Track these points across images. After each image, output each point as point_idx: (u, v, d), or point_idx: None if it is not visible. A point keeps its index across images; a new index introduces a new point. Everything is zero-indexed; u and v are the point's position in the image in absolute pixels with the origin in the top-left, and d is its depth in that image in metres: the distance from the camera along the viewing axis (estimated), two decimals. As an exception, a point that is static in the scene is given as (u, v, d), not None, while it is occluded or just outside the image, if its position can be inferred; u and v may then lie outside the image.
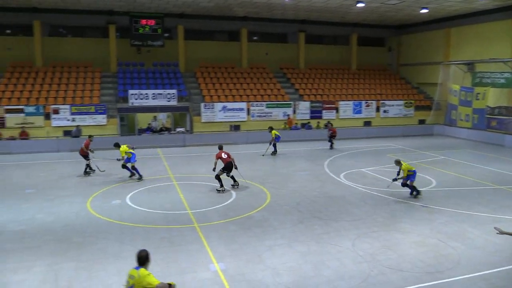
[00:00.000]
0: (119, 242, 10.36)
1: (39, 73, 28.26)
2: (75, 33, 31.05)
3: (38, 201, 13.82)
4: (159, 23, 29.69)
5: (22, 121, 24.43)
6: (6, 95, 25.87)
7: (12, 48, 29.16)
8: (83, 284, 8.29)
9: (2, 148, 22.52)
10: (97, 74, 29.20)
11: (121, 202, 13.71)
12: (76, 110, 25.12)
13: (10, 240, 10.53)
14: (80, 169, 18.04)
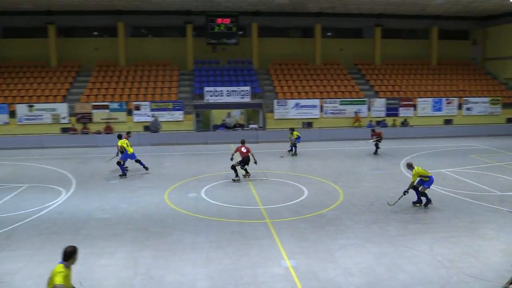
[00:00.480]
0: (194, 234, 10.75)
1: (122, 72, 30.09)
2: (155, 33, 32.67)
3: (121, 192, 14.75)
4: (233, 22, 30.28)
5: (107, 116, 26.21)
6: (93, 92, 27.87)
7: (99, 49, 31.36)
8: (160, 272, 8.72)
9: (89, 142, 24.30)
10: (175, 72, 30.47)
11: (197, 195, 14.21)
12: (156, 106, 26.43)
13: (96, 227, 11.34)
14: (158, 162, 18.98)
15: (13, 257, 9.53)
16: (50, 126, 25.84)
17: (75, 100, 27.20)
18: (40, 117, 25.91)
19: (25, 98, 27.05)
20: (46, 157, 21.10)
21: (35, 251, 9.79)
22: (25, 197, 14.19)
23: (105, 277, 8.57)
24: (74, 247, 6.41)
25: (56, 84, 28.54)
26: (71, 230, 11.09)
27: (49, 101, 26.87)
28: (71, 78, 29.45)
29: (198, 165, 18.96)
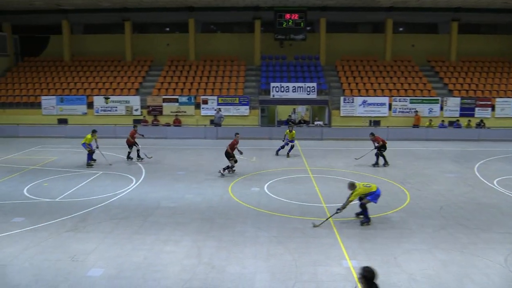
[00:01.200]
0: (256, 228, 10.87)
1: (192, 67, 31.03)
2: (223, 29, 33.33)
3: (187, 182, 15.26)
4: (302, 17, 30.08)
5: (176, 109, 27.18)
6: (164, 86, 29.02)
7: (170, 44, 32.56)
8: (222, 263, 8.92)
9: (159, 133, 25.36)
10: (242, 67, 30.89)
11: (260, 190, 14.35)
12: (222, 101, 26.99)
13: (164, 215, 11.84)
14: (223, 156, 19.40)
15: (87, 238, 10.21)
16: (124, 117, 27.31)
17: (147, 93, 28.51)
18: (115, 109, 27.45)
19: (102, 90, 28.78)
20: (119, 146, 22.28)
21: (107, 234, 10.41)
22: (99, 184, 15.13)
23: (170, 263, 8.92)
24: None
25: (130, 77, 30.08)
26: (140, 217, 11.66)
27: (123, 93, 28.39)
28: (144, 72, 30.87)
29: (261, 160, 19.13)
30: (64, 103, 27.65)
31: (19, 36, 34.12)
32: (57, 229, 10.82)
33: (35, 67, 32.01)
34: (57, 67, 31.77)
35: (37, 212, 12.12)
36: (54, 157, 19.82)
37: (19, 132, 25.60)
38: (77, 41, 33.21)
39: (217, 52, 32.13)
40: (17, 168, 17.43)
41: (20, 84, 29.94)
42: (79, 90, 28.93)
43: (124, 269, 8.63)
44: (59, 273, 8.50)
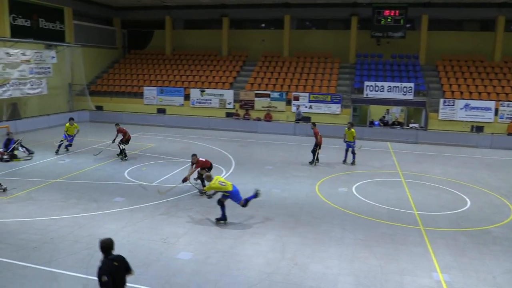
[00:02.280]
0: (342, 229, 10.65)
1: (285, 63, 31.18)
2: (319, 26, 32.98)
3: (275, 177, 15.41)
4: (402, 14, 28.70)
5: (268, 105, 27.54)
6: (257, 81, 29.54)
7: (265, 40, 33.01)
8: (305, 260, 8.88)
9: (250, 127, 25.90)
10: (336, 64, 30.35)
11: (347, 190, 14.03)
12: (314, 98, 26.78)
13: (250, 207, 11.95)
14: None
15: (178, 223, 10.77)
16: (217, 110, 28.31)
17: (240, 87, 29.24)
18: (209, 101, 28.55)
19: (198, 83, 30.08)
20: (212, 138, 23.19)
21: (197, 220, 10.91)
22: (192, 172, 15.84)
23: (254, 255, 9.08)
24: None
25: (225, 72, 31.07)
26: (229, 207, 11.97)
27: (218, 87, 29.41)
28: (238, 67, 31.70)
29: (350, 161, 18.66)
30: (164, 94, 29.38)
31: (127, 30, 36.93)
32: (152, 211, 11.56)
33: (140, 60, 34.41)
34: (158, 60, 33.86)
35: (135, 194, 13.06)
36: (152, 144, 21.18)
37: (123, 119, 27.70)
38: (178, 35, 35.08)
39: (311, 49, 31.91)
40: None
41: (126, 75, 32.40)
42: (178, 82, 30.54)
43: (211, 256, 8.96)
44: (152, 252, 9.08)
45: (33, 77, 25.02)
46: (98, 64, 33.77)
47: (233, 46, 33.34)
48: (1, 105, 23.84)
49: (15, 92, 23.88)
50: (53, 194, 12.81)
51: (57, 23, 28.94)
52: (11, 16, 25.14)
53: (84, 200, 12.35)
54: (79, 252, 8.98)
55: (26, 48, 24.77)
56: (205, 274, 8.20)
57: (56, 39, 28.43)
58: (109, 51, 35.20)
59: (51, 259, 8.67)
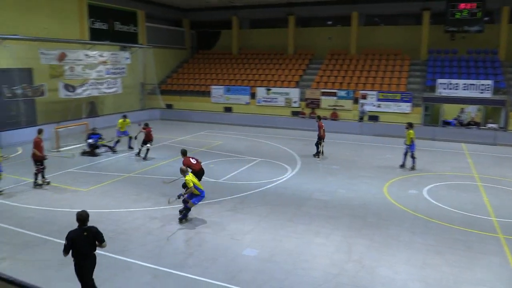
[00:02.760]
0: (411, 233, 10.22)
1: (352, 61, 30.50)
2: (388, 22, 31.88)
3: (341, 177, 15.12)
4: (479, 6, 26.90)
5: (334, 103, 27.09)
6: (323, 79, 29.17)
7: (332, 38, 32.49)
8: (372, 264, 8.62)
9: (316, 126, 25.47)
10: (406, 61, 29.18)
11: (418, 193, 13.43)
12: (383, 96, 25.94)
13: (315, 207, 11.95)
14: (379, 153, 18.75)
15: (244, 219, 10.91)
16: (283, 108, 28.32)
17: (306, 86, 29.03)
18: (275, 100, 28.63)
19: (264, 82, 30.29)
20: (277, 136, 23.23)
21: (262, 218, 10.97)
22: (257, 170, 16.01)
23: (320, 255, 8.97)
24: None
25: (291, 70, 31.01)
26: (293, 205, 11.99)
27: (284, 86, 29.41)
28: (304, 66, 31.49)
29: (422, 162, 17.81)
30: (230, 92, 29.91)
31: (195, 31, 38.04)
32: (219, 207, 11.82)
33: (207, 59, 35.32)
34: (225, 60, 34.53)
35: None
36: (220, 141, 21.64)
37: (192, 117, 28.66)
38: (244, 35, 35.55)
39: (379, 46, 30.93)
40: (188, 149, 19.42)
41: (194, 75, 33.39)
42: (244, 81, 30.96)
43: (276, 254, 8.98)
44: (218, 247, 9.27)
45: (109, 77, 26.54)
46: (168, 64, 35.12)
47: (299, 44, 33.19)
48: (80, 104, 25.52)
49: (93, 91, 25.47)
50: (127, 188, 13.51)
51: (131, 25, 30.51)
52: (90, 20, 26.89)
53: (156, 194, 12.89)
54: (150, 244, 9.39)
55: (103, 50, 26.32)
56: (270, 272, 8.23)
57: (130, 41, 29.99)
58: (178, 52, 36.48)
59: (125, 249, 9.14)
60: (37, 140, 13.55)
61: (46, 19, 23.79)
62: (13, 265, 8.38)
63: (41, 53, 21.77)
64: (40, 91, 22.31)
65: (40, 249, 9.16)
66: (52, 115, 23.60)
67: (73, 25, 25.88)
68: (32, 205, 11.91)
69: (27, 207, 11.72)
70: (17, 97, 21.06)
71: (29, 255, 8.86)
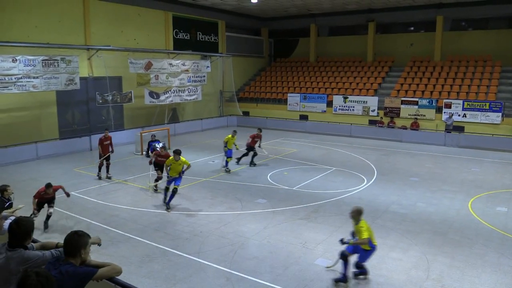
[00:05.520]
0: (499, 253, 9.45)
1: (436, 68, 29.00)
2: (476, 26, 29.87)
3: (421, 190, 14.39)
4: None
5: (415, 112, 25.91)
6: (403, 87, 28.06)
7: (414, 44, 31.18)
8: (453, 284, 8.10)
9: (394, 136, 24.70)
10: (497, 68, 27.12)
11: (508, 210, 12.40)
12: (468, 106, 24.32)
13: (392, 220, 11.49)
14: (464, 166, 17.61)
15: (317, 228, 10.79)
16: (360, 117, 27.65)
17: (385, 94, 28.11)
18: (352, 108, 28.05)
19: (341, 90, 29.82)
20: (353, 145, 22.74)
21: (336, 228, 10.78)
22: (332, 179, 15.77)
23: (396, 270, 8.61)
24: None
25: (369, 78, 30.22)
26: (368, 217, 11.51)
27: (362, 94, 28.74)
28: (384, 73, 30.54)
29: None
30: (307, 100, 29.82)
31: (273, 40, 38.52)
32: (292, 215, 11.80)
33: (285, 67, 35.56)
34: (302, 67, 34.52)
35: (276, 196, 13.50)
36: (294, 149, 21.65)
37: (268, 124, 28.97)
38: (322, 43, 35.31)
39: (466, 52, 29.10)
40: (264, 156, 19.73)
41: (271, 82, 33.77)
42: (321, 89, 30.72)
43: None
44: (290, 255, 9.26)
45: (190, 85, 27.75)
46: (246, 72, 35.91)
47: (378, 51, 32.29)
48: (163, 110, 26.93)
49: (175, 98, 26.76)
50: (203, 192, 13.99)
51: (212, 35, 31.66)
52: (174, 31, 28.35)
53: (230, 199, 13.21)
54: (224, 247, 9.63)
55: (186, 59, 27.61)
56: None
57: (211, 50, 31.13)
58: (256, 60, 37.17)
59: (200, 250, 9.46)
60: (101, 138, 15.35)
61: (135, 31, 25.51)
62: (98, 259, 9.01)
63: (130, 62, 23.37)
64: (128, 98, 23.91)
65: (122, 245, 9.78)
66: (138, 120, 25.20)
67: (159, 36, 27.47)
68: (118, 204, 12.77)
69: (112, 206, 12.59)
70: (107, 103, 22.76)
71: (112, 251, 9.48)
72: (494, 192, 14.26)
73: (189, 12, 29.25)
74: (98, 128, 22.64)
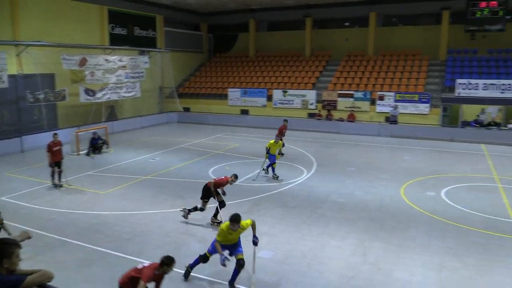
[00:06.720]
0: (429, 236, 10.11)
1: (369, 62, 30.27)
2: (406, 22, 31.53)
3: (358, 179, 15.03)
4: (502, 4, 26.38)
5: (351, 105, 26.92)
6: (340, 81, 29.03)
7: (349, 39, 32.32)
8: (388, 266, 8.56)
9: (332, 128, 25.54)
10: (425, 62, 28.81)
11: (436, 195, 13.27)
12: (400, 97, 25.66)
13: (332, 209, 11.92)
14: (397, 155, 18.55)
15: (260, 221, 10.77)
16: (299, 110, 28.28)
17: (322, 88, 28.94)
18: (292, 102, 28.62)
19: (280, 84, 30.30)
20: (293, 138, 23.20)
21: (278, 220, 11.00)
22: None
23: (335, 257, 8.95)
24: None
25: (307, 72, 30.95)
26: (309, 208, 11.98)
27: (300, 88, 29.38)
28: (321, 67, 31.41)
29: (440, 163, 17.64)
30: (247, 95, 30.02)
31: (213, 35, 38.32)
32: (235, 209, 11.76)
33: (224, 62, 35.53)
34: (242, 62, 34.68)
35: (219, 192, 13.49)
36: (236, 144, 21.76)
37: (208, 120, 28.88)
38: (261, 38, 35.64)
39: (397, 46, 30.63)
40: (205, 151, 19.69)
41: (211, 78, 33.62)
42: (261, 83, 31.03)
43: (291, 256, 9.00)
44: (234, 250, 9.32)
45: (128, 81, 26.96)
46: (186, 67, 35.46)
47: (316, 46, 33.13)
48: (100, 108, 25.98)
49: (113, 95, 25.90)
50: (144, 191, 13.71)
51: (150, 30, 30.92)
52: (110, 26, 27.36)
53: (172, 196, 13.05)
54: (166, 245, 9.52)
55: (123, 54, 26.77)
56: (285, 274, 8.26)
57: (149, 45, 30.41)
58: (196, 55, 36.81)
59: (141, 250, 9.29)
60: (50, 144, 14.09)
61: (68, 26, 24.33)
62: (33, 266, 8.58)
63: (63, 58, 22.29)
64: (62, 96, 22.83)
65: (59, 250, 9.38)
66: (73, 119, 24.11)
67: (94, 31, 26.40)
68: (54, 207, 12.20)
69: (48, 210, 12.01)
70: (39, 102, 21.58)
71: (49, 257, 9.07)
72: (423, 178, 15.19)
73: (126, 6, 28.36)
74: (30, 129, 21.45)
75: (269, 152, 15.06)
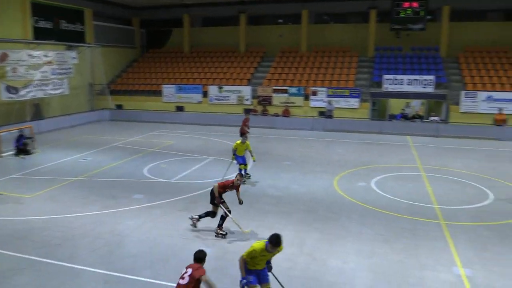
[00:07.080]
0: (360, 224, 10.57)
1: (303, 58, 31.00)
2: (337, 20, 32.64)
3: (293, 173, 15.36)
4: (422, 5, 28.15)
5: (286, 100, 27.44)
6: (274, 76, 29.47)
7: (283, 35, 32.88)
8: (323, 256, 8.86)
9: (268, 123, 25.88)
10: (354, 58, 30.02)
11: (366, 185, 13.90)
12: (332, 92, 26.55)
13: (268, 203, 12.09)
14: (330, 148, 19.18)
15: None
16: (235, 106, 28.35)
17: (258, 83, 29.22)
18: (228, 98, 28.62)
19: (216, 80, 30.18)
20: (230, 134, 23.23)
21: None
22: (209, 168, 15.97)
23: (272, 251, 9.07)
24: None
25: (243, 68, 31.09)
26: (246, 203, 12.01)
27: (236, 83, 29.45)
28: (256, 63, 31.68)
29: (370, 155, 18.51)
30: (182, 91, 29.59)
31: (145, 30, 37.29)
32: (171, 207, 11.69)
33: (158, 58, 34.72)
34: (177, 58, 34.09)
35: (154, 190, 13.22)
36: (171, 141, 21.37)
37: (142, 117, 28.10)
38: (196, 33, 35.23)
39: (329, 43, 31.63)
40: (139, 149, 19.16)
41: (145, 74, 32.73)
42: (196, 79, 30.70)
43: (230, 251, 9.02)
44: (170, 248, 9.19)
45: (55, 78, 25.50)
46: (117, 63, 34.21)
47: (250, 42, 33.33)
48: (24, 106, 24.38)
49: (38, 92, 24.39)
50: (74, 192, 13.07)
51: (78, 24, 29.40)
52: (34, 18, 25.65)
53: (104, 197, 12.56)
54: (99, 248, 9.15)
55: (48, 49, 25.26)
56: (223, 269, 8.27)
57: (77, 40, 28.91)
58: (128, 51, 35.62)
59: (73, 255, 8.86)
60: None
61: (-17, 18, 22.55)
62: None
63: (-21, 53, 20.64)
64: (-21, 94, 21.15)
65: (-20, 260, 8.70)
66: (-7, 118, 22.43)
67: (16, 24, 24.56)
68: (-28, 213, 11.29)
69: (-34, 216, 11.10)
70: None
71: (-32, 267, 8.39)
72: (355, 170, 15.86)
73: (50, -2, 26.78)
74: None
75: (235, 154, 14.31)
